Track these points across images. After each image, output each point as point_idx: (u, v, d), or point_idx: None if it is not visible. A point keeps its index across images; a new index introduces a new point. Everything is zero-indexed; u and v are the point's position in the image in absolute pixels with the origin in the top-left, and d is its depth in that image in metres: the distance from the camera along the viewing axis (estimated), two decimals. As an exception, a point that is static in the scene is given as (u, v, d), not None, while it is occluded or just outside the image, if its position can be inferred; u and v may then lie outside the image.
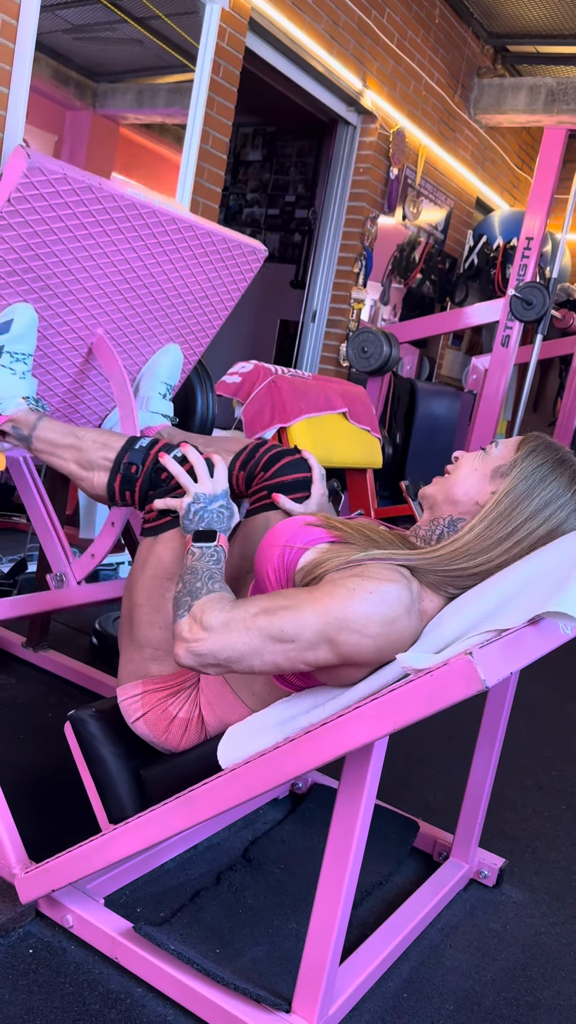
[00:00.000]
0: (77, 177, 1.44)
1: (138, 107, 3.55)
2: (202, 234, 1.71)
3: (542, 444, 1.24)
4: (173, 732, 1.33)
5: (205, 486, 1.34)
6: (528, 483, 1.20)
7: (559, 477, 1.21)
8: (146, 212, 1.59)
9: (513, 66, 5.72)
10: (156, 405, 1.87)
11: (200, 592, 1.22)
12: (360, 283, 4.84)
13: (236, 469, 1.53)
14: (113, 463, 1.41)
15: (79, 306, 1.65)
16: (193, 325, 1.91)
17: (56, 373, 1.76)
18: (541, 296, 3.51)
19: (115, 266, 1.63)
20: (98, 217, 1.53)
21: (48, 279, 1.56)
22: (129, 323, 1.77)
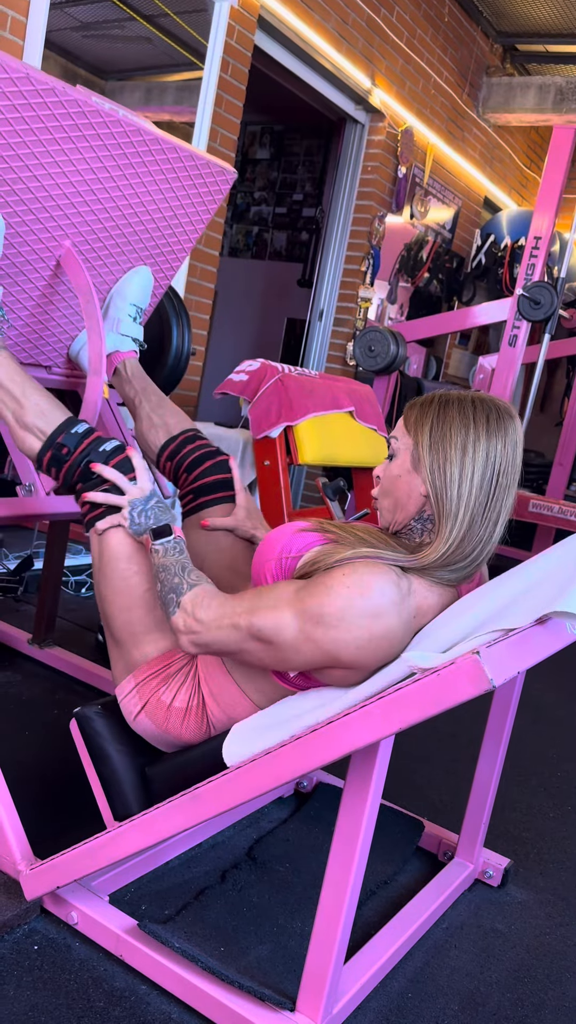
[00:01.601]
0: (40, 78, 1.44)
1: (146, 105, 3.55)
2: (168, 148, 1.70)
3: (418, 410, 1.24)
4: (172, 720, 1.33)
5: (133, 492, 1.39)
6: (442, 454, 1.20)
7: (455, 425, 1.20)
8: (111, 120, 1.58)
9: (522, 65, 5.70)
10: (126, 328, 1.87)
11: (181, 587, 1.29)
12: (367, 282, 4.83)
13: (163, 458, 1.67)
14: (47, 437, 1.44)
15: (46, 215, 1.64)
16: (163, 246, 1.90)
17: (24, 285, 1.75)
18: (549, 296, 3.50)
19: (81, 175, 1.62)
20: (62, 122, 1.52)
21: (14, 183, 1.55)
22: (97, 237, 1.76)
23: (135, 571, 1.39)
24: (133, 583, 1.39)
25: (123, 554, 1.40)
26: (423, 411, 1.23)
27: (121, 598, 1.40)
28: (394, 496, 1.26)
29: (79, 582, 3.11)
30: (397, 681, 1.13)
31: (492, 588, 1.19)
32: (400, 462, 1.25)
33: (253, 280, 5.95)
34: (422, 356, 5.57)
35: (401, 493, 1.25)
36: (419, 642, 1.17)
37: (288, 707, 1.24)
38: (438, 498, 1.20)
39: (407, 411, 1.27)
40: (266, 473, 2.51)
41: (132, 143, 1.65)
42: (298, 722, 1.20)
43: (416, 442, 1.22)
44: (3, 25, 2.69)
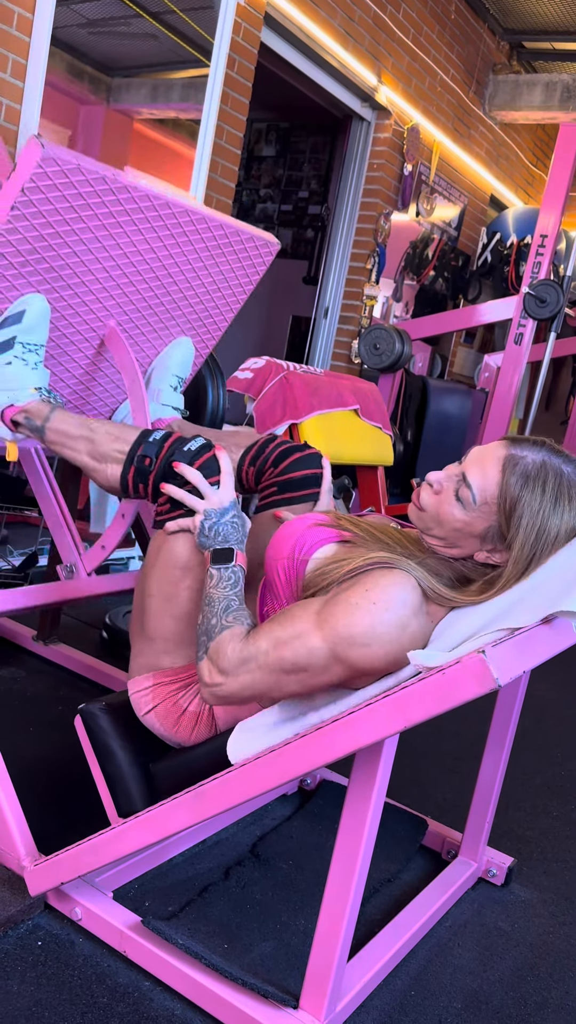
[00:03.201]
0: (90, 168, 1.44)
1: (152, 102, 3.55)
2: (215, 226, 1.71)
3: (523, 468, 1.15)
4: (183, 725, 1.33)
5: (212, 501, 1.32)
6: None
7: (551, 494, 1.14)
8: (159, 204, 1.58)
9: (529, 63, 5.69)
10: (167, 398, 1.87)
11: (215, 630, 1.24)
12: (373, 280, 4.82)
13: (246, 464, 1.54)
14: (127, 456, 1.41)
15: (91, 297, 1.65)
16: (205, 318, 1.91)
17: (68, 364, 1.76)
18: (555, 294, 3.49)
19: (128, 257, 1.63)
20: (111, 208, 1.53)
21: (61, 270, 1.56)
22: (141, 315, 1.77)
23: (187, 585, 1.34)
24: (183, 596, 1.35)
25: (183, 564, 1.34)
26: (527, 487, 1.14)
27: (167, 604, 1.36)
28: (448, 535, 1.20)
29: (83, 579, 3.11)
30: (403, 680, 1.13)
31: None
32: (472, 523, 1.17)
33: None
34: (427, 354, 5.56)
35: (457, 538, 1.19)
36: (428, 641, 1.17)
37: (293, 705, 1.24)
38: (514, 571, 1.14)
39: (507, 473, 1.15)
40: (271, 471, 2.51)
41: (179, 223, 1.65)
42: (303, 720, 1.20)
43: (509, 524, 1.14)
44: (10, 22, 2.69)
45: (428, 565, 1.20)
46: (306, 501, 1.49)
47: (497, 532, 1.16)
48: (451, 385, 4.84)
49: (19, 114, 2.79)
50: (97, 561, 1.80)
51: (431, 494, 1.21)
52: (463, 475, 1.18)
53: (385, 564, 1.16)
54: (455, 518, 1.18)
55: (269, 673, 1.17)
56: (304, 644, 1.14)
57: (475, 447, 1.22)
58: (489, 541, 1.18)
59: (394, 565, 1.16)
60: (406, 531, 1.30)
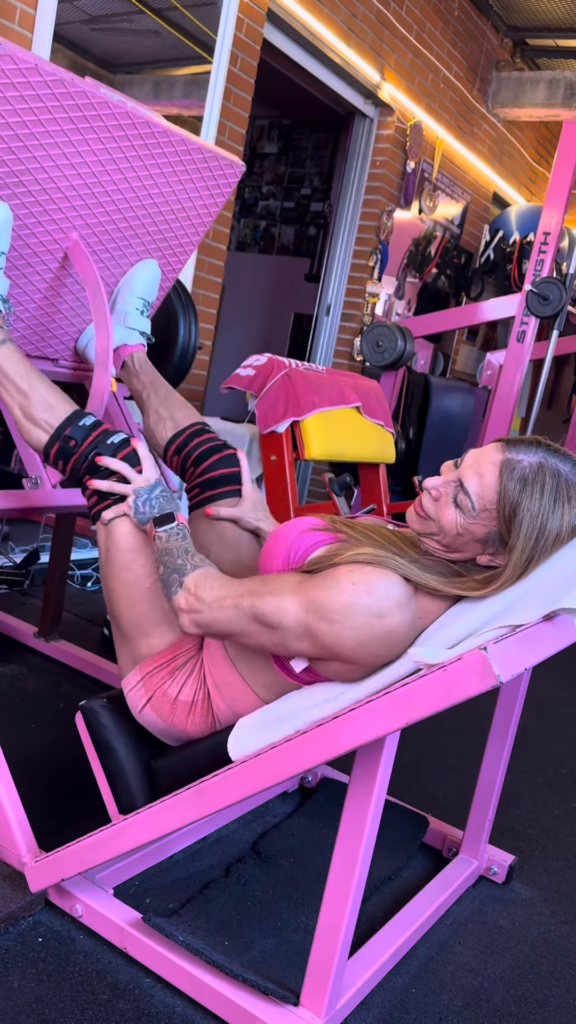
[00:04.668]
0: (49, 69, 1.44)
1: (155, 98, 3.54)
2: (177, 140, 1.70)
3: (520, 472, 1.14)
4: (178, 714, 1.33)
5: (138, 481, 1.39)
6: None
7: (549, 495, 1.13)
8: (119, 112, 1.57)
9: (532, 60, 5.67)
10: (134, 321, 1.86)
11: (185, 567, 1.29)
12: (375, 277, 4.81)
13: (171, 452, 1.67)
14: (54, 430, 1.44)
15: (53, 207, 1.64)
16: (171, 239, 1.89)
17: (32, 277, 1.75)
18: (558, 292, 3.49)
19: (89, 167, 1.62)
20: (71, 113, 1.52)
21: (22, 175, 1.55)
22: (104, 230, 1.76)
23: (141, 563, 1.39)
24: (139, 576, 1.39)
25: (129, 546, 1.40)
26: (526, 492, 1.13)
27: (127, 591, 1.40)
28: (450, 541, 1.19)
29: (85, 576, 3.11)
30: (403, 677, 1.13)
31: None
32: (472, 528, 1.17)
33: (260, 275, 5.93)
34: (429, 352, 5.55)
35: (459, 543, 1.19)
36: (426, 638, 1.17)
37: (293, 702, 1.24)
38: (513, 573, 1.14)
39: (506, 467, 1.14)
40: (272, 468, 2.51)
41: (140, 135, 1.64)
42: (304, 717, 1.20)
43: (510, 528, 1.14)
44: (12, 17, 2.68)
45: (422, 563, 1.19)
46: (228, 496, 1.58)
47: (498, 537, 1.16)
48: (453, 383, 4.84)
49: (21, 110, 2.79)
50: (58, 477, 1.80)
51: (431, 501, 1.21)
52: (460, 482, 1.17)
53: (372, 563, 1.16)
54: (455, 524, 1.18)
55: (242, 616, 1.21)
56: (279, 602, 1.17)
57: (470, 451, 1.21)
58: (491, 545, 1.18)
59: (380, 564, 1.16)
60: (400, 531, 1.29)
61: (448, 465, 1.23)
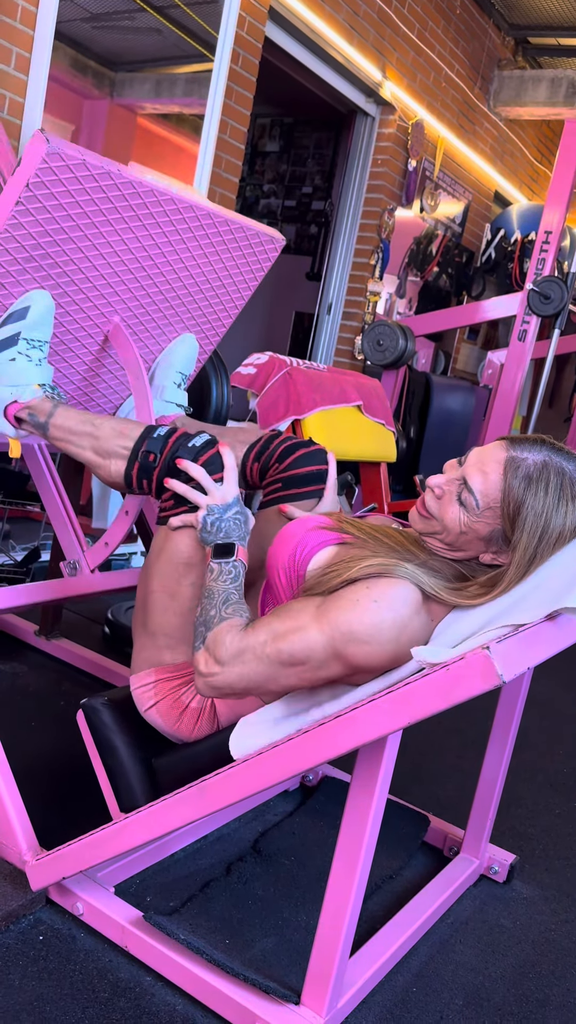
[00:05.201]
0: (95, 163, 1.44)
1: (156, 97, 3.54)
2: (220, 222, 1.70)
3: (524, 470, 1.14)
4: (185, 721, 1.33)
5: (215, 497, 1.32)
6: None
7: (553, 494, 1.14)
8: (164, 199, 1.58)
9: (534, 58, 5.67)
10: (171, 395, 1.86)
11: (213, 621, 1.23)
12: (376, 276, 4.81)
13: (250, 460, 1.54)
14: (131, 451, 1.40)
15: (96, 293, 1.65)
16: (209, 314, 1.91)
17: (72, 360, 1.76)
18: (559, 290, 3.48)
19: (132, 253, 1.62)
20: (116, 204, 1.52)
21: (65, 265, 1.55)
22: (145, 311, 1.77)
23: (190, 581, 1.34)
24: (185, 593, 1.35)
25: (186, 559, 1.34)
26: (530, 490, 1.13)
27: (169, 600, 1.36)
28: (453, 540, 1.19)
29: (86, 574, 3.11)
30: (406, 676, 1.13)
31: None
32: (476, 526, 1.16)
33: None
34: (431, 351, 5.55)
35: (462, 541, 1.19)
36: (431, 638, 1.16)
37: (295, 701, 1.24)
38: (516, 572, 1.14)
39: (509, 465, 1.14)
40: (274, 466, 2.51)
41: (184, 219, 1.65)
42: (305, 716, 1.20)
43: (514, 527, 1.14)
44: (13, 15, 2.68)
45: (429, 566, 1.19)
46: (311, 497, 1.49)
47: (501, 535, 1.16)
48: (454, 382, 4.83)
49: (23, 108, 2.79)
50: (100, 558, 1.80)
51: (434, 499, 1.20)
52: (464, 480, 1.17)
53: (383, 574, 1.15)
54: (458, 522, 1.17)
55: (266, 665, 1.16)
56: (303, 638, 1.14)
57: (474, 449, 1.21)
58: (494, 543, 1.18)
59: (392, 574, 1.15)
60: (407, 531, 1.29)
61: (452, 464, 1.23)
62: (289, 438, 1.54)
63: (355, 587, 1.15)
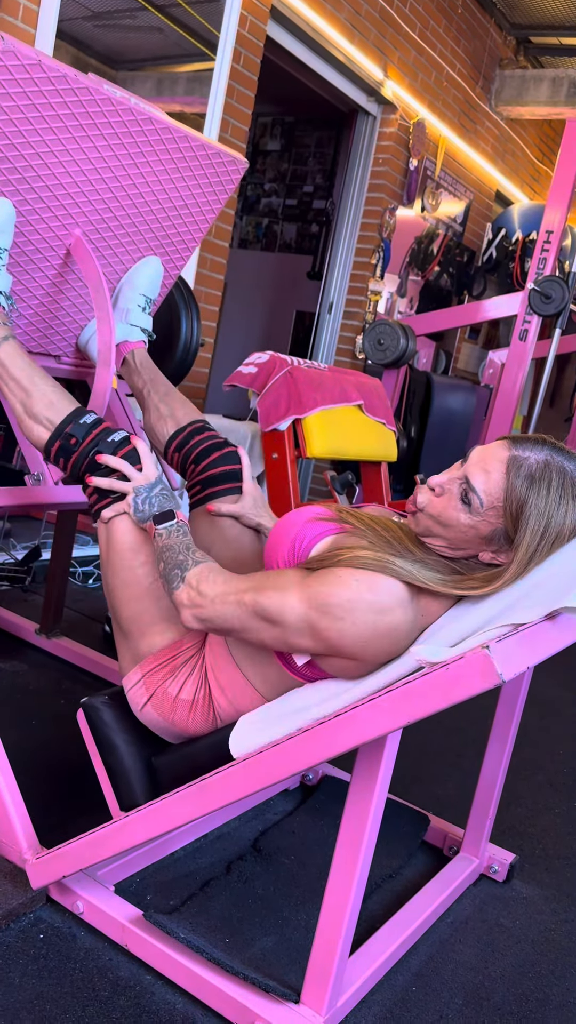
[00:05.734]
0: (52, 65, 1.44)
1: (157, 95, 3.54)
2: (180, 137, 1.70)
3: (527, 469, 1.14)
4: (179, 712, 1.33)
5: (138, 479, 1.39)
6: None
7: (556, 493, 1.13)
8: (122, 109, 1.57)
9: (535, 58, 5.66)
10: (135, 318, 1.86)
11: (187, 563, 1.29)
12: (377, 275, 4.81)
13: (171, 448, 1.66)
14: (55, 428, 1.44)
15: (56, 203, 1.64)
16: (173, 236, 1.89)
17: (34, 273, 1.75)
18: (560, 290, 3.48)
19: (91, 163, 1.62)
20: (74, 110, 1.52)
21: (25, 171, 1.55)
22: (107, 226, 1.76)
23: (142, 561, 1.39)
24: (140, 574, 1.39)
25: (129, 544, 1.40)
26: (532, 489, 1.13)
27: (128, 589, 1.40)
28: (453, 538, 1.19)
29: (86, 573, 3.12)
30: (405, 675, 1.13)
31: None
32: (478, 526, 1.16)
33: (263, 272, 5.93)
34: (431, 350, 5.55)
35: (462, 540, 1.19)
36: (428, 637, 1.17)
37: (295, 699, 1.24)
38: (517, 570, 1.13)
39: (511, 465, 1.14)
40: (274, 466, 2.51)
41: (143, 132, 1.64)
42: (305, 714, 1.20)
43: (516, 526, 1.13)
44: (15, 14, 2.68)
45: (424, 563, 1.19)
46: (230, 493, 1.57)
47: (503, 534, 1.16)
48: (455, 381, 4.83)
49: (24, 107, 2.79)
50: (60, 474, 1.80)
51: (431, 497, 1.20)
52: (466, 478, 1.17)
53: (371, 568, 1.15)
54: (460, 522, 1.17)
55: (244, 613, 1.20)
56: (282, 598, 1.17)
57: (476, 448, 1.21)
58: (495, 542, 1.18)
59: (382, 569, 1.15)
60: (406, 524, 1.29)
61: (456, 465, 1.23)
62: (205, 439, 1.63)
63: (342, 568, 1.16)
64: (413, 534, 1.25)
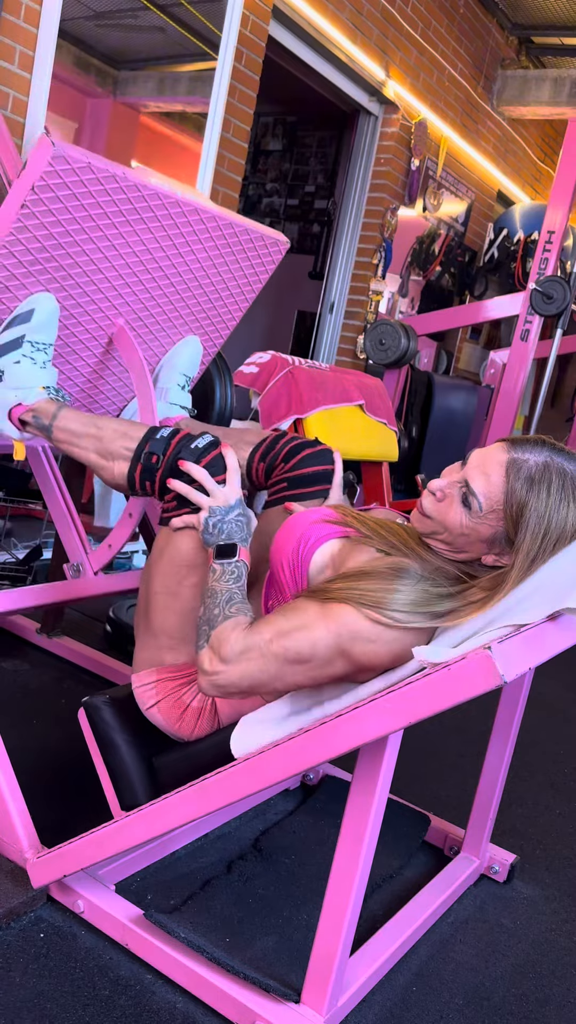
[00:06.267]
0: (101, 166, 1.44)
1: (159, 95, 3.54)
2: (224, 225, 1.70)
3: (526, 472, 1.14)
4: (186, 721, 1.34)
5: (217, 499, 1.31)
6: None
7: (556, 495, 1.13)
8: (169, 202, 1.58)
9: (537, 58, 5.66)
10: (175, 396, 1.86)
11: (217, 620, 1.23)
12: (379, 275, 4.81)
13: (256, 460, 1.55)
14: (134, 453, 1.40)
15: (100, 296, 1.65)
16: (213, 316, 1.91)
17: (76, 363, 1.76)
18: (562, 290, 3.48)
19: (136, 256, 1.63)
20: (120, 207, 1.52)
21: (70, 268, 1.55)
22: (150, 314, 1.77)
23: (192, 582, 1.34)
24: (186, 593, 1.34)
25: (188, 561, 1.34)
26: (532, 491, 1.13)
27: (171, 600, 1.36)
28: (454, 541, 1.19)
29: (87, 572, 3.11)
30: (407, 675, 1.13)
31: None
32: (479, 529, 1.16)
33: (264, 272, 5.93)
34: (433, 350, 5.55)
35: (464, 543, 1.19)
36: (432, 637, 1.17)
37: (297, 700, 1.24)
38: (518, 573, 1.13)
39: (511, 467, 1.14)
40: (276, 466, 2.51)
41: (189, 221, 1.65)
42: (307, 715, 1.20)
43: (517, 528, 1.13)
44: (17, 13, 2.68)
45: (431, 571, 1.19)
46: (316, 497, 1.48)
47: (504, 537, 1.16)
48: (456, 381, 4.83)
49: (26, 106, 2.79)
50: (104, 560, 1.81)
51: (434, 502, 1.20)
52: (466, 482, 1.17)
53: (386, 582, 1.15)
54: (461, 525, 1.17)
55: (271, 662, 1.16)
56: (308, 635, 1.14)
57: (475, 451, 1.20)
58: (497, 545, 1.18)
59: (386, 606, 1.14)
60: (411, 527, 1.29)
61: (453, 467, 1.23)
62: (295, 438, 1.54)
63: (361, 583, 1.16)
64: (418, 536, 1.25)
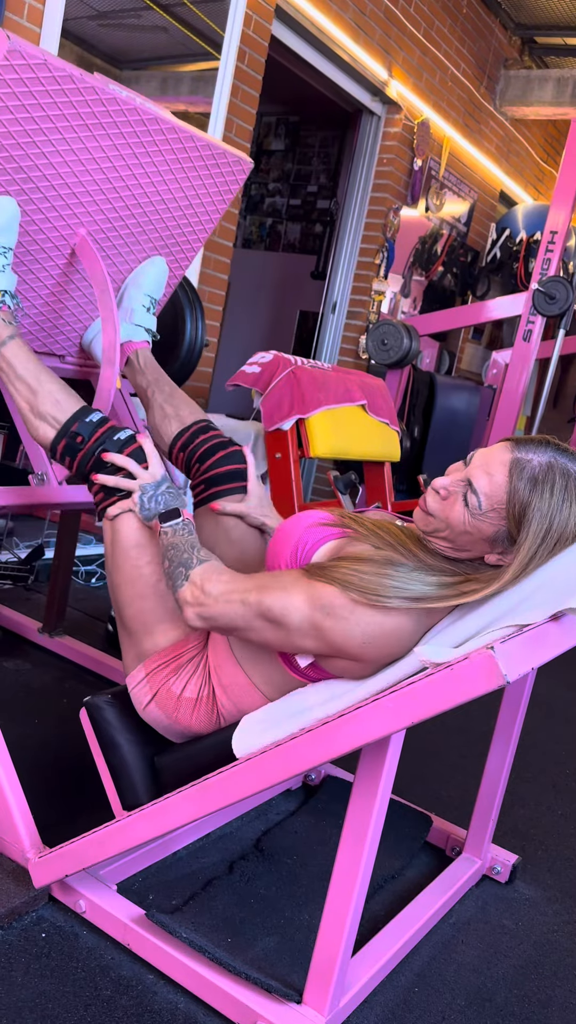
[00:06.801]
0: (57, 64, 1.44)
1: (162, 94, 3.54)
2: (185, 137, 1.70)
3: (530, 471, 1.14)
4: (183, 710, 1.33)
5: (144, 477, 1.39)
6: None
7: (559, 495, 1.13)
8: (128, 109, 1.57)
9: (540, 58, 5.65)
10: (140, 318, 1.86)
11: (191, 561, 1.29)
12: (381, 275, 4.81)
13: (176, 448, 1.67)
14: (61, 426, 1.45)
15: (61, 203, 1.64)
16: (178, 236, 1.89)
17: (39, 273, 1.75)
18: (564, 291, 3.48)
19: (97, 163, 1.62)
20: (79, 109, 1.52)
21: (30, 171, 1.55)
22: (112, 226, 1.76)
23: (147, 560, 1.39)
24: (145, 572, 1.39)
25: (135, 542, 1.39)
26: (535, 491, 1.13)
27: (132, 587, 1.39)
28: (457, 539, 1.19)
29: (89, 572, 3.12)
30: (409, 675, 1.13)
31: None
32: (481, 528, 1.16)
33: (266, 272, 5.93)
34: (435, 350, 5.54)
35: (466, 542, 1.19)
36: (432, 637, 1.16)
37: (299, 699, 1.24)
38: (519, 571, 1.13)
39: (514, 478, 1.14)
40: (277, 466, 2.51)
41: (148, 131, 1.64)
42: (309, 715, 1.20)
43: (519, 528, 1.13)
44: (20, 12, 2.68)
45: (428, 569, 1.19)
46: (235, 493, 1.57)
47: (506, 536, 1.16)
48: (459, 382, 4.83)
49: (29, 106, 2.79)
50: (65, 473, 1.80)
51: (438, 499, 1.20)
52: (469, 481, 1.17)
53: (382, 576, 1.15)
54: (464, 523, 1.17)
55: (248, 612, 1.20)
56: (287, 597, 1.17)
57: (479, 450, 1.20)
58: (499, 544, 1.17)
59: (380, 594, 1.14)
60: (408, 528, 1.29)
61: (456, 466, 1.22)
62: (209, 438, 1.63)
63: (350, 563, 1.17)
64: (416, 537, 1.25)
